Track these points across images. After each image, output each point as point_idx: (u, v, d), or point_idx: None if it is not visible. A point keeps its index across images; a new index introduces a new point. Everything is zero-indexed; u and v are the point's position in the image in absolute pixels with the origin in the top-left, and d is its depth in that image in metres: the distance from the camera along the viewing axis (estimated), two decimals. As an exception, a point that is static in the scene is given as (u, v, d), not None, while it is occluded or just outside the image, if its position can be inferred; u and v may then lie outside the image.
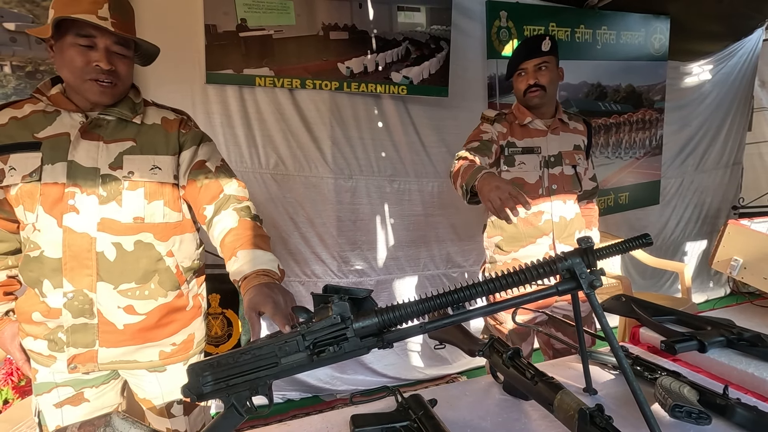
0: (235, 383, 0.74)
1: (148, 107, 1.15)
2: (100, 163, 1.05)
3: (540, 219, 1.51)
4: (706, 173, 3.66)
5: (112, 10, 0.99)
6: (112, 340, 1.08)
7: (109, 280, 1.06)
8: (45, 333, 1.08)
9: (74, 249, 1.03)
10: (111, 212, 1.06)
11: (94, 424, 0.74)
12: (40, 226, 1.03)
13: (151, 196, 1.09)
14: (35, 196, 1.02)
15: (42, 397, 1.12)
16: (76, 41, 0.99)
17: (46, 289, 1.04)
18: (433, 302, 0.69)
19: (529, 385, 0.84)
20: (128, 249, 1.07)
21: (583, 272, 0.65)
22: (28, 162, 1.02)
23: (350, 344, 0.71)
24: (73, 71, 1.01)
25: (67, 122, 1.05)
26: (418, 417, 0.81)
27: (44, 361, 1.10)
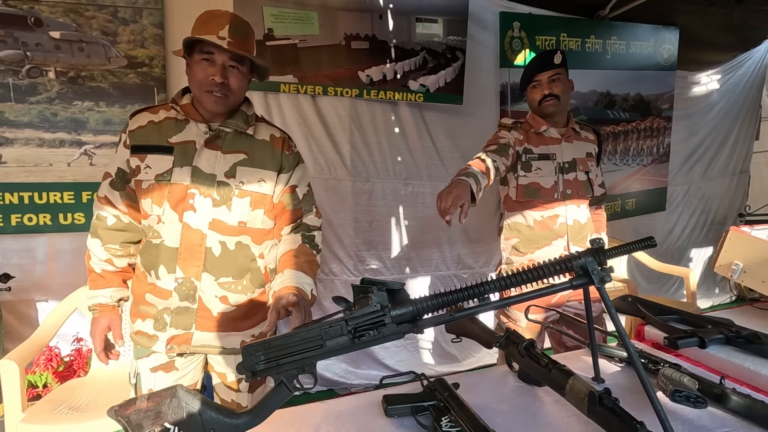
0: (285, 362, 0.84)
1: (258, 122, 1.29)
2: (217, 170, 1.19)
3: (555, 222, 1.60)
4: (712, 181, 3.73)
5: (231, 31, 1.14)
6: (206, 325, 1.22)
7: (212, 272, 1.20)
8: (153, 313, 1.22)
9: (189, 242, 1.18)
10: (221, 214, 1.19)
11: (161, 395, 0.84)
12: (165, 219, 1.18)
13: (255, 205, 1.22)
14: (164, 192, 1.17)
15: (141, 361, 1.25)
16: (200, 58, 1.15)
17: (161, 273, 1.19)
18: (463, 293, 0.78)
19: (543, 372, 0.94)
20: (231, 248, 1.21)
21: (594, 269, 0.75)
22: (162, 163, 1.17)
23: (388, 329, 0.81)
24: (195, 83, 1.17)
25: (194, 131, 1.20)
26: (444, 397, 0.91)
27: (147, 342, 1.23)
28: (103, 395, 1.70)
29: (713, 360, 1.10)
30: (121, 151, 1.22)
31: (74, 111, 1.97)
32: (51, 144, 1.96)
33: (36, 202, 1.96)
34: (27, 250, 2.01)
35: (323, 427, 0.88)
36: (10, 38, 1.87)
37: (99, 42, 1.97)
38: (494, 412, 0.93)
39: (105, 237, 1.24)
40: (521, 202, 1.63)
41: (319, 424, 0.89)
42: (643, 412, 0.75)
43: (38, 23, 1.90)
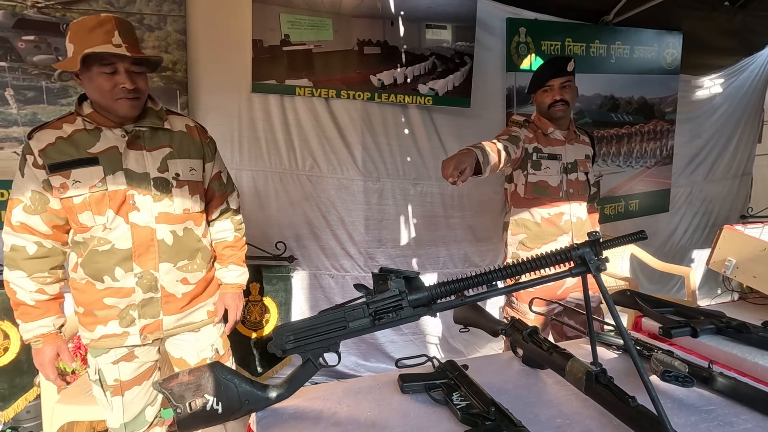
0: (312, 342, 0.93)
1: (169, 115, 1.35)
2: (149, 168, 1.26)
3: (561, 219, 1.68)
4: (715, 183, 3.78)
5: (122, 36, 1.15)
6: (172, 309, 1.33)
7: (169, 260, 1.30)
8: (116, 313, 1.27)
9: (140, 239, 1.25)
10: (165, 207, 1.28)
11: (201, 370, 0.94)
12: (111, 225, 1.22)
13: (192, 192, 1.34)
14: (104, 201, 1.21)
15: (100, 358, 1.32)
16: (101, 70, 1.14)
17: (118, 275, 1.24)
18: (473, 280, 0.87)
19: (544, 356, 1.03)
20: (180, 234, 1.32)
21: (591, 259, 0.83)
22: (92, 174, 1.19)
23: (405, 312, 0.90)
24: (103, 95, 1.17)
25: (111, 137, 1.22)
26: (454, 376, 1.00)
27: (117, 341, 1.29)
28: None
29: (704, 348, 1.18)
30: (33, 172, 1.20)
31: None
32: (80, 143, 2.07)
33: (65, 198, 2.07)
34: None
35: (345, 401, 0.98)
36: (43, 44, 1.98)
37: (126, 47, 2.07)
38: (500, 391, 1.02)
39: (29, 267, 1.21)
40: (529, 199, 1.71)
41: (341, 399, 0.99)
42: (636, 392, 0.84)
43: (70, 30, 2.01)
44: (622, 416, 0.83)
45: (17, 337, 1.94)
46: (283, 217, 2.38)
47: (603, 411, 0.88)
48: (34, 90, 2.00)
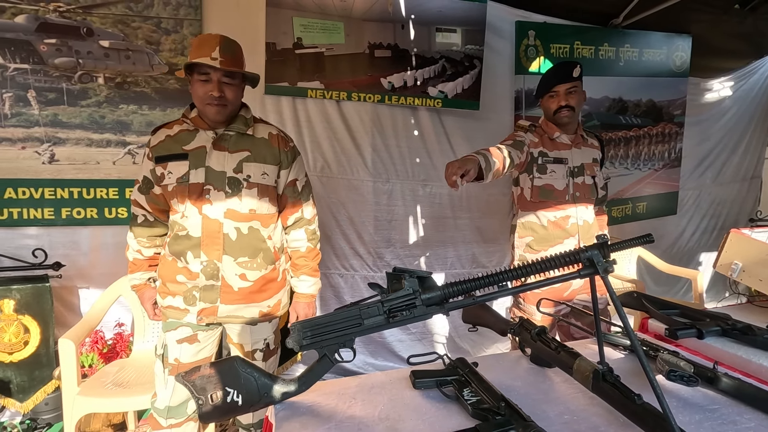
0: (328, 338, 0.97)
1: (257, 123, 1.51)
2: (226, 167, 1.41)
3: (567, 222, 1.71)
4: (724, 186, 3.78)
5: (222, 51, 1.35)
6: (228, 299, 1.43)
7: (231, 254, 1.41)
8: (183, 291, 1.43)
9: (208, 230, 1.39)
10: (234, 204, 1.41)
11: (222, 363, 0.98)
12: (188, 214, 1.39)
13: (261, 194, 1.45)
14: (185, 192, 1.39)
15: (169, 333, 1.46)
16: (198, 78, 1.37)
17: (189, 258, 1.41)
18: (484, 280, 0.91)
19: (552, 354, 1.06)
20: (244, 232, 1.43)
21: (599, 261, 0.86)
22: (180, 168, 1.40)
23: (418, 310, 0.93)
24: (197, 99, 1.40)
25: (203, 138, 1.42)
26: (464, 373, 1.04)
27: (178, 315, 1.44)
28: (143, 373, 1.86)
29: (709, 349, 1.21)
30: (146, 163, 1.47)
31: (120, 114, 2.14)
32: (99, 144, 2.13)
33: (84, 197, 2.13)
34: (73, 242, 2.18)
35: (359, 396, 1.02)
36: (64, 47, 2.04)
37: (144, 50, 2.13)
38: (509, 388, 1.05)
39: (137, 231, 1.52)
40: (535, 202, 1.74)
41: (355, 394, 1.02)
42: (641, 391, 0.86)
43: (90, 33, 2.07)
44: (628, 413, 0.86)
45: (38, 331, 2.00)
46: (294, 216, 2.43)
47: (609, 408, 0.90)
48: (55, 92, 2.06)
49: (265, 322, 1.53)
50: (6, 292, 1.95)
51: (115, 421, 2.07)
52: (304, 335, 0.98)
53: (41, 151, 2.07)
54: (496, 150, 1.55)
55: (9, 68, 1.99)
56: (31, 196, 2.07)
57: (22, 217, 2.07)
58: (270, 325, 1.55)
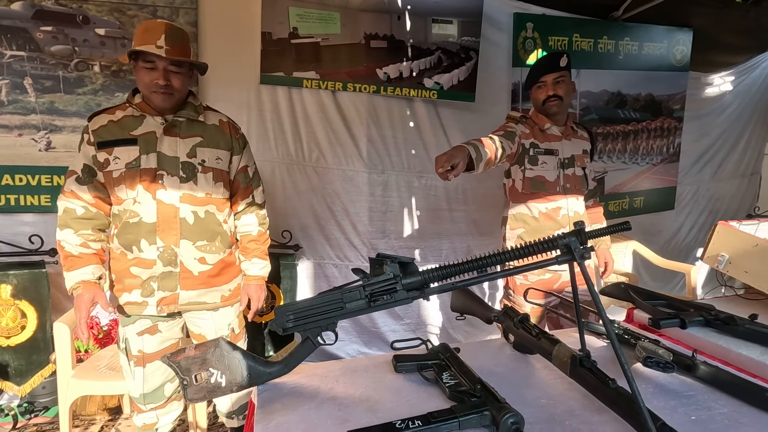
0: (311, 321, 0.99)
1: (206, 110, 1.51)
2: (179, 153, 1.41)
3: (558, 214, 1.72)
4: (723, 182, 3.77)
5: (167, 39, 1.33)
6: (189, 285, 1.43)
7: (189, 238, 1.41)
8: (139, 283, 1.40)
9: (164, 215, 1.38)
10: (189, 189, 1.41)
11: (207, 345, 1.00)
12: (140, 200, 1.37)
13: (216, 179, 1.46)
14: (136, 178, 1.37)
15: (127, 328, 1.45)
16: (143, 65, 1.35)
17: (143, 246, 1.38)
18: (465, 266, 0.92)
19: (533, 341, 1.07)
20: (201, 216, 1.43)
21: (577, 248, 0.87)
22: (130, 153, 1.38)
23: (399, 295, 0.95)
24: (143, 86, 1.39)
25: (152, 123, 1.41)
26: (445, 357, 1.05)
27: (137, 309, 1.42)
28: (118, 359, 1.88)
29: (691, 339, 1.22)
30: (86, 148, 1.40)
31: (116, 101, 2.14)
32: (95, 132, 2.14)
33: (80, 184, 2.15)
34: (70, 229, 2.20)
35: (342, 379, 1.03)
36: (60, 34, 2.05)
37: (139, 39, 2.14)
38: (490, 373, 1.06)
39: (76, 226, 1.39)
40: (526, 194, 1.75)
41: (338, 376, 1.04)
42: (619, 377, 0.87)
43: (86, 21, 2.07)
44: (603, 397, 0.88)
45: (35, 316, 2.03)
46: (289, 207, 2.44)
47: (586, 393, 0.92)
48: (51, 79, 2.07)
49: (227, 307, 1.54)
50: (3, 277, 1.98)
51: (111, 405, 2.11)
52: (286, 318, 0.99)
53: (38, 139, 2.08)
54: (488, 140, 1.56)
55: (5, 55, 2.00)
56: (28, 183, 2.09)
57: (19, 203, 2.10)
58: (232, 309, 1.57)
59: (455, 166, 1.35)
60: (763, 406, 0.90)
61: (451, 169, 1.35)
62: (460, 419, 0.82)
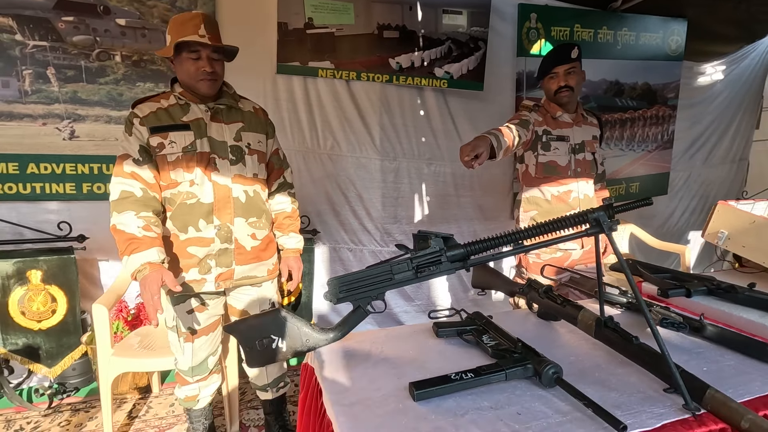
0: (362, 291, 1.08)
1: (240, 98, 1.59)
2: (226, 137, 1.49)
3: (570, 197, 1.83)
4: (713, 168, 3.93)
5: (206, 28, 1.40)
6: (242, 260, 1.52)
7: (242, 216, 1.50)
8: (196, 262, 1.48)
9: (220, 195, 1.47)
10: (239, 170, 1.50)
11: (266, 314, 1.09)
12: (198, 181, 1.45)
13: (260, 160, 1.56)
14: (193, 161, 1.44)
15: (178, 307, 1.53)
16: (189, 56, 1.41)
17: (201, 226, 1.46)
18: (503, 239, 1.02)
19: (559, 308, 1.19)
20: (251, 195, 1.53)
21: (605, 221, 0.98)
22: (185, 138, 1.44)
23: (443, 266, 1.05)
24: (189, 76, 1.43)
25: (197, 111, 1.48)
26: (482, 323, 1.16)
27: (197, 287, 1.50)
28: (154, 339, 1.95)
29: (697, 306, 1.35)
30: (137, 133, 1.41)
31: (137, 91, 2.19)
32: (117, 121, 2.19)
33: (104, 172, 2.21)
34: (93, 216, 2.25)
35: (388, 344, 1.14)
36: (82, 25, 2.08)
37: (159, 29, 2.18)
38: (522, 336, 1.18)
39: (137, 208, 1.36)
40: (539, 178, 1.85)
41: (384, 342, 1.14)
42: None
43: (107, 11, 2.11)
44: (627, 353, 1.00)
45: (64, 300, 2.10)
46: (306, 193, 2.52)
47: (610, 351, 1.04)
48: (74, 69, 2.11)
49: (269, 282, 1.64)
50: (33, 263, 2.04)
51: (141, 384, 2.19)
52: (339, 289, 1.09)
53: (62, 128, 2.13)
54: (506, 129, 1.66)
55: (28, 45, 2.03)
56: (53, 171, 2.14)
57: (45, 191, 2.14)
58: (272, 284, 1.67)
59: (479, 156, 1.45)
60: (765, 359, 1.02)
61: (476, 158, 1.44)
62: (506, 371, 0.93)
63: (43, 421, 1.97)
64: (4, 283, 2.02)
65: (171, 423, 1.96)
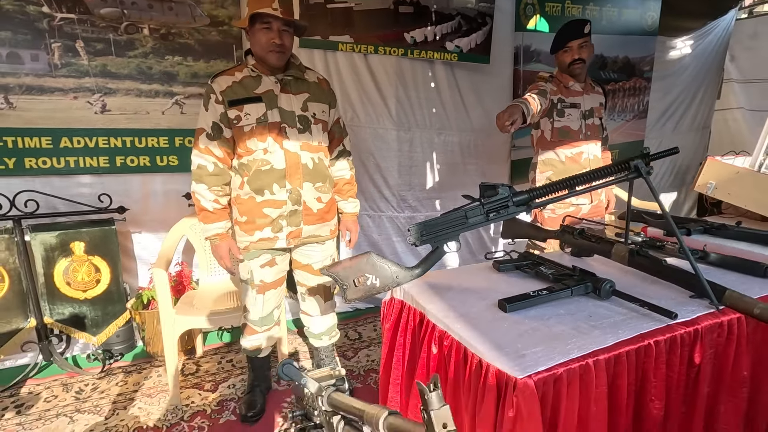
0: (441, 233, 1.27)
1: (307, 69, 1.70)
2: (294, 108, 1.61)
3: (581, 158, 2.07)
4: (681, 135, 4.32)
5: (280, 2, 1.51)
6: (309, 221, 1.68)
7: (310, 180, 1.64)
8: (269, 222, 1.63)
9: (291, 162, 1.60)
10: (306, 138, 1.63)
11: (359, 257, 1.27)
12: (271, 150, 1.58)
13: (323, 129, 1.69)
14: (265, 131, 1.57)
15: (252, 261, 1.69)
16: (261, 27, 1.52)
17: (274, 189, 1.60)
18: (559, 184, 1.23)
19: (594, 246, 1.42)
20: (316, 162, 1.66)
21: (643, 167, 1.21)
22: (257, 109, 1.57)
23: (510, 210, 1.26)
24: (259, 47, 1.54)
25: (268, 83, 1.59)
26: (535, 258, 1.39)
27: (267, 244, 1.65)
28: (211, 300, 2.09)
29: (695, 242, 1.62)
30: (214, 107, 1.56)
31: (166, 65, 2.23)
32: (147, 94, 2.23)
33: (136, 145, 2.25)
34: (126, 189, 2.30)
35: (459, 279, 1.34)
36: (109, -3, 2.09)
37: (186, 2, 2.21)
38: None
39: (209, 181, 1.59)
40: (555, 141, 2.08)
41: (457, 277, 1.35)
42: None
43: (133, -16, 2.12)
44: (658, 273, 1.25)
45: (107, 270, 2.17)
46: (327, 163, 2.65)
47: (640, 275, 1.29)
48: (102, 42, 2.12)
49: (330, 240, 1.81)
50: (76, 234, 2.10)
51: (187, 347, 2.32)
52: (421, 233, 1.28)
53: (93, 101, 2.15)
54: (530, 98, 1.86)
55: (56, 17, 2.03)
56: (86, 145, 2.17)
57: (79, 165, 2.18)
58: (333, 242, 1.84)
59: (515, 122, 1.65)
60: (758, 274, 1.31)
61: (512, 124, 1.65)
62: (572, 288, 1.16)
63: (100, 383, 2.07)
64: (48, 255, 2.07)
65: (224, 377, 2.11)
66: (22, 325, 2.08)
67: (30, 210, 2.02)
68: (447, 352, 1.02)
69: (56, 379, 2.11)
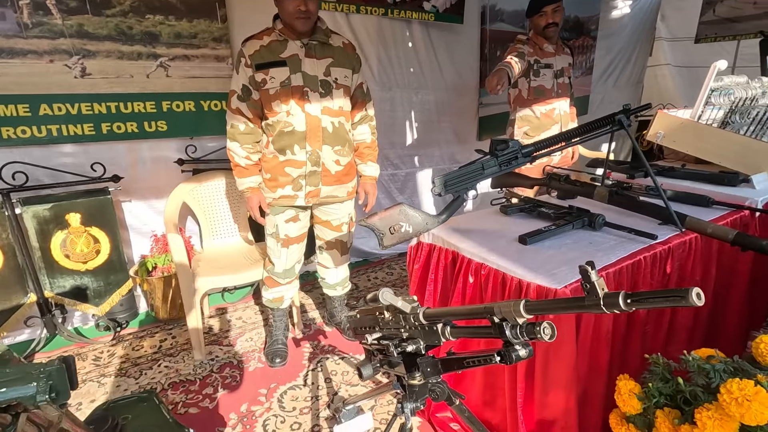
0: (460, 183, 1.47)
1: (332, 33, 1.74)
2: (317, 72, 1.68)
3: (554, 113, 2.32)
4: (619, 90, 4.78)
5: None
6: (327, 181, 1.79)
7: (329, 143, 1.74)
8: (290, 180, 1.73)
9: (311, 125, 1.69)
10: (327, 102, 1.71)
11: (391, 209, 1.43)
12: (293, 112, 1.66)
13: (345, 94, 1.76)
14: (288, 94, 1.63)
15: (278, 216, 1.81)
16: None
17: (296, 150, 1.70)
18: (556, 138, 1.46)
19: (578, 189, 1.70)
20: (336, 126, 1.75)
21: (626, 121, 1.47)
22: (282, 73, 1.63)
23: (520, 160, 1.47)
24: (286, 14, 1.61)
25: (294, 47, 1.65)
26: (535, 203, 1.63)
27: (289, 201, 1.76)
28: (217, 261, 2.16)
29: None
30: (244, 70, 1.65)
31: (147, 24, 2.14)
32: (129, 56, 2.13)
33: (122, 111, 2.18)
34: (111, 157, 2.24)
35: (476, 222, 1.56)
36: (79, -51, 1.94)
37: (163, -44, 2.10)
38: (554, 211, 1.68)
39: (241, 140, 1.72)
40: (530, 99, 2.31)
41: (473, 222, 1.56)
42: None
43: (105, -66, 1.97)
44: (634, 207, 1.54)
45: (107, 240, 2.16)
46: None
47: (618, 210, 1.58)
48: (76, 0, 1.98)
49: (349, 200, 1.94)
50: (70, 206, 2.05)
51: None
52: (444, 183, 1.47)
53: (71, 65, 2.03)
54: (512, 61, 2.06)
55: (21, -28, 1.86)
56: (67, 112, 2.07)
57: (62, 133, 2.08)
58: (351, 202, 1.97)
59: (503, 84, 1.86)
60: (705, 204, 1.65)
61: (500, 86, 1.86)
62: (573, 222, 1.41)
63: (114, 350, 2.12)
64: (42, 228, 2.01)
65: (239, 333, 2.24)
66: (23, 301, 2.05)
67: (19, 183, 1.94)
68: (484, 280, 1.24)
69: (66, 351, 2.12)
